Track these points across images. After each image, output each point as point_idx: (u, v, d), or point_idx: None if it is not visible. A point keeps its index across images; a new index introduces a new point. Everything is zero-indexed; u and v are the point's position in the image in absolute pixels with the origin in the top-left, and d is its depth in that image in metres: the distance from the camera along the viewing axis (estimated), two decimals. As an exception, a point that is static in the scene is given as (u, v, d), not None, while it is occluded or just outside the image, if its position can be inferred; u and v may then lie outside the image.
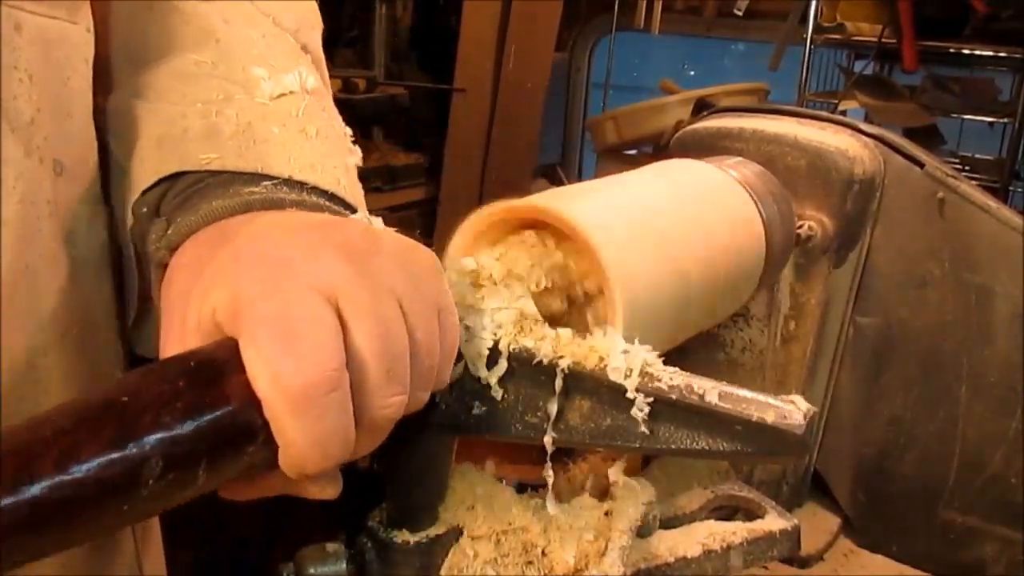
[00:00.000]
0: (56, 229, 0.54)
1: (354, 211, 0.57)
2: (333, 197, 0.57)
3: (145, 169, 0.55)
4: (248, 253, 0.45)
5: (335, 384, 0.41)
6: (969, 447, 0.93)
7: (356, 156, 0.65)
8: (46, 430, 0.36)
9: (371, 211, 0.55)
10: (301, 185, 0.55)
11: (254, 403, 0.41)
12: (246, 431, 0.41)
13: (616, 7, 2.94)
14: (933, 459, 0.95)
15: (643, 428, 0.50)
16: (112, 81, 0.60)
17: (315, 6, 0.71)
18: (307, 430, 0.41)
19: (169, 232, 0.52)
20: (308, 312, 0.41)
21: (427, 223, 2.73)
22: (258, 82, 0.58)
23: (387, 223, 0.52)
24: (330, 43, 2.78)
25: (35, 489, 0.34)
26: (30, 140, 0.50)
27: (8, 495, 0.33)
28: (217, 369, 0.41)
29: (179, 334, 0.45)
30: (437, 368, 0.47)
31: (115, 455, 0.36)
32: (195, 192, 0.54)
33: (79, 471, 0.35)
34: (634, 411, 0.50)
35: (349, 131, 0.65)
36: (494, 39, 2.80)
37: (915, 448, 0.96)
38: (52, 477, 0.34)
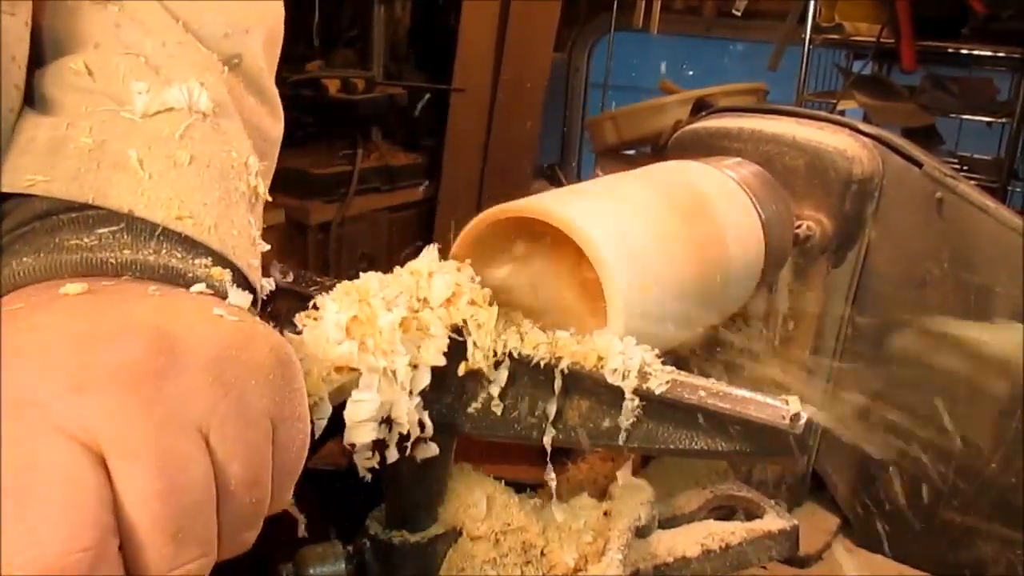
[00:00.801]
0: None
1: (223, 262, 0.48)
2: (192, 242, 0.47)
3: None
4: (15, 383, 0.34)
5: (87, 565, 0.32)
6: (969, 447, 0.93)
7: (260, 189, 0.55)
8: None
9: (371, 211, 0.52)
10: (151, 229, 0.46)
11: None
12: None
13: (615, 7, 2.94)
14: (932, 459, 0.95)
15: (625, 426, 0.51)
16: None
17: (263, 6, 0.61)
18: None
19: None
20: (58, 466, 0.32)
21: (426, 223, 2.73)
22: (131, 95, 0.50)
23: (387, 223, 0.49)
24: (329, 43, 2.78)
25: None
26: None
27: None
28: None
29: None
30: (268, 499, 0.39)
31: None
32: (20, 236, 0.45)
33: None
34: (624, 412, 0.50)
35: (255, 161, 0.54)
36: (493, 39, 2.79)
37: (914, 448, 0.96)
38: None
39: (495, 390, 0.54)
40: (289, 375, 0.40)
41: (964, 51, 2.45)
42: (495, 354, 0.54)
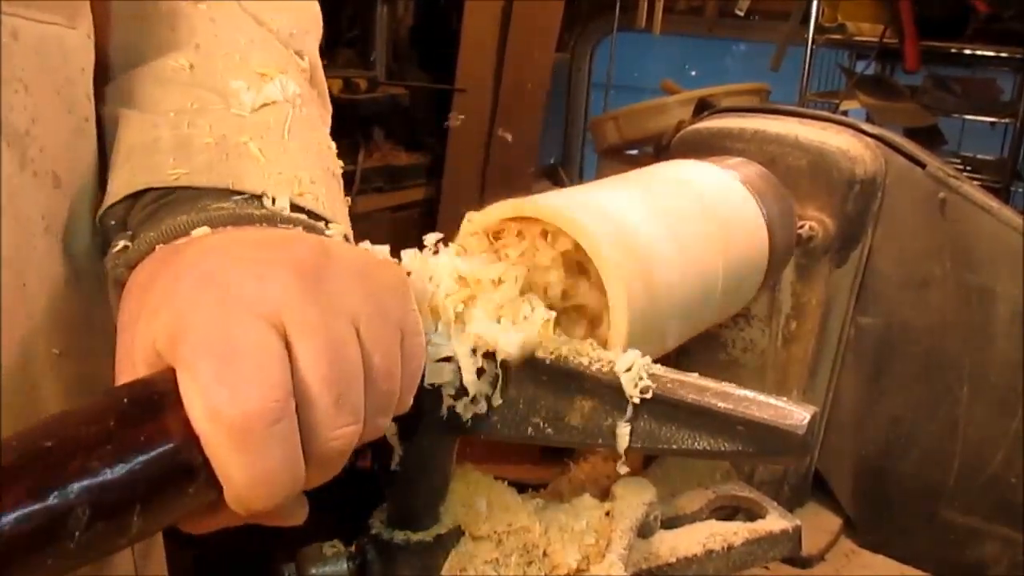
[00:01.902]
0: (52, 245, 0.52)
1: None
2: (309, 213, 0.54)
3: (115, 182, 0.53)
4: (191, 276, 0.42)
5: (277, 415, 0.38)
6: (970, 447, 0.93)
7: (338, 168, 0.62)
8: None
9: (373, 211, 0.54)
10: (274, 201, 0.53)
11: (193, 439, 0.38)
12: (185, 470, 0.38)
13: (617, 7, 2.94)
14: (934, 459, 0.95)
15: (626, 418, 0.51)
16: (107, 88, 0.59)
17: (316, 11, 0.68)
18: (249, 466, 0.38)
19: (129, 249, 0.50)
20: (249, 337, 0.39)
21: (428, 223, 2.73)
22: (236, 93, 0.56)
23: (389, 223, 0.51)
24: (331, 43, 2.78)
25: None
26: (24, 152, 0.48)
27: None
28: (153, 404, 0.38)
29: (129, 363, 0.42)
30: (397, 393, 0.44)
31: (34, 507, 0.33)
32: (162, 206, 0.52)
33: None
34: (628, 410, 0.50)
35: (333, 145, 0.62)
36: (495, 39, 2.80)
37: (916, 448, 0.96)
38: None
39: (496, 398, 0.54)
40: (410, 298, 0.47)
41: (967, 51, 2.45)
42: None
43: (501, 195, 0.62)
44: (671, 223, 0.68)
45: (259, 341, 0.39)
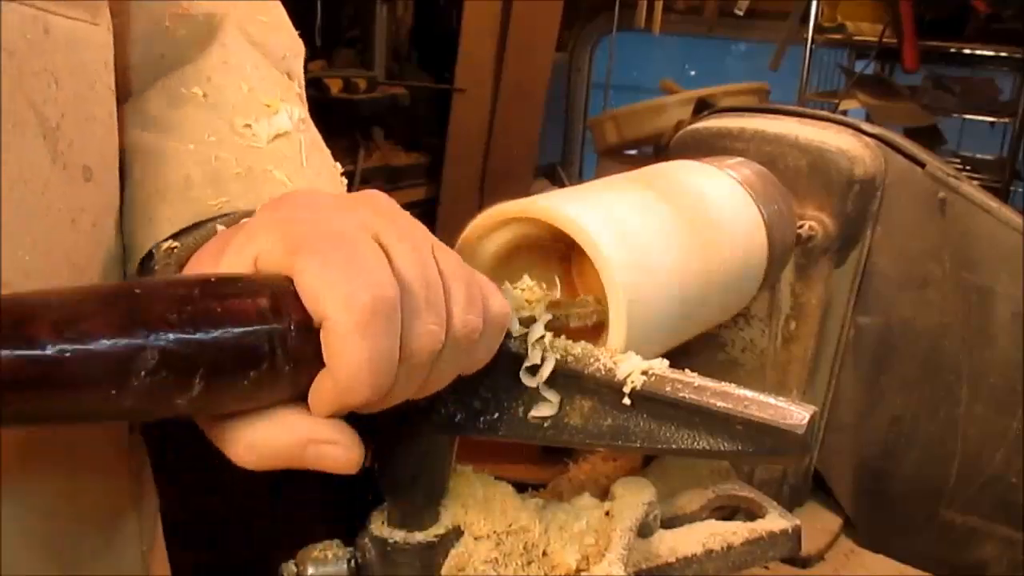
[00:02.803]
0: (83, 239, 0.53)
1: None
2: None
3: (155, 226, 0.56)
4: (285, 211, 0.46)
5: (395, 307, 0.42)
6: (970, 447, 0.93)
7: (344, 186, 0.67)
8: (51, 297, 0.36)
9: None
10: None
11: (271, 330, 0.40)
12: (253, 355, 0.40)
13: (617, 7, 2.94)
14: (934, 459, 0.95)
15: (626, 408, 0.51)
16: (129, 92, 0.61)
17: (295, 33, 0.71)
18: (368, 350, 0.41)
19: (178, 249, 0.53)
20: (360, 239, 0.43)
21: (428, 223, 2.73)
22: (249, 127, 0.59)
23: None
24: (331, 43, 2.78)
25: (29, 350, 0.33)
26: (55, 146, 0.49)
27: (3, 349, 0.33)
28: (241, 289, 0.41)
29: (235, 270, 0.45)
30: (479, 297, 0.48)
31: (113, 335, 0.35)
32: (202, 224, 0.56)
33: (72, 340, 0.34)
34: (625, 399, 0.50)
35: (339, 165, 0.66)
36: (495, 39, 2.80)
37: (916, 448, 0.96)
38: (48, 340, 0.34)
39: (553, 396, 0.55)
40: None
41: (966, 51, 2.45)
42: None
43: (500, 195, 0.62)
44: (670, 223, 0.68)
45: (371, 244, 0.43)
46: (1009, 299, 0.89)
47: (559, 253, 0.69)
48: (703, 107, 2.07)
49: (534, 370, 0.53)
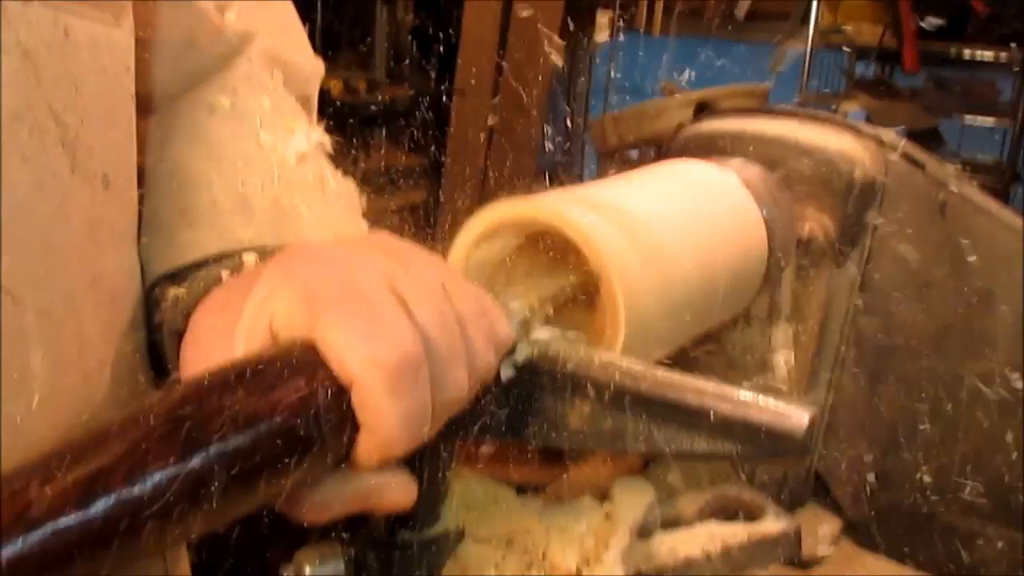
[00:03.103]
0: (101, 249, 0.52)
1: None
2: None
3: (178, 247, 0.55)
4: (302, 263, 0.45)
5: (422, 359, 0.42)
6: (970, 449, 0.93)
7: (362, 206, 0.68)
8: (115, 445, 0.35)
9: (373, 212, 0.56)
10: None
11: (316, 408, 0.40)
12: (307, 439, 0.40)
13: (616, 8, 2.94)
14: (934, 460, 0.95)
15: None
16: (153, 103, 0.60)
17: (313, 55, 0.72)
18: (402, 407, 0.42)
19: (183, 298, 0.52)
20: (380, 295, 0.43)
21: (428, 224, 2.73)
22: (274, 146, 0.59)
23: (387, 224, 0.52)
24: (331, 45, 2.78)
25: (102, 505, 0.34)
26: (75, 153, 0.48)
27: (77, 510, 0.33)
28: (280, 373, 0.40)
29: (252, 337, 0.44)
30: (494, 331, 0.48)
31: (179, 470, 0.36)
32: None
33: (146, 487, 0.35)
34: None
35: (354, 186, 0.67)
36: (495, 41, 2.80)
37: (917, 449, 0.96)
38: (120, 492, 0.34)
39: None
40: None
41: (966, 53, 2.45)
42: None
43: (501, 196, 0.62)
44: (669, 224, 0.68)
45: (388, 298, 0.43)
46: (1009, 301, 0.89)
47: (559, 252, 0.69)
48: (703, 109, 2.07)
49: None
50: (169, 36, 0.60)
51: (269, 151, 0.59)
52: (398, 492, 0.47)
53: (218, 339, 0.47)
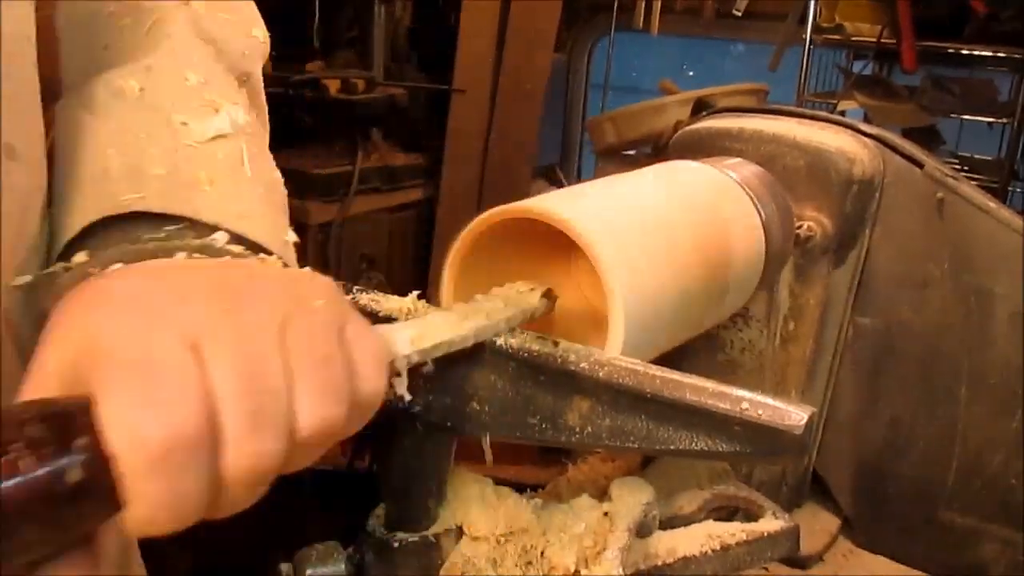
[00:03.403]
0: (7, 222, 0.50)
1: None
2: (255, 245, 0.54)
3: (70, 215, 0.52)
4: (113, 299, 0.42)
5: (197, 440, 0.38)
6: (969, 448, 0.93)
7: (285, 199, 0.62)
8: None
9: (371, 212, 0.54)
10: (213, 228, 0.52)
11: (96, 463, 0.37)
12: (81, 494, 0.37)
13: (615, 8, 2.94)
14: (933, 460, 0.95)
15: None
16: (62, 83, 0.58)
17: (262, 26, 0.67)
18: (162, 492, 0.37)
19: (61, 278, 0.49)
20: (169, 359, 0.38)
21: (426, 223, 2.73)
22: (186, 123, 0.56)
23: (387, 223, 0.51)
24: (329, 44, 2.78)
25: None
26: None
27: None
28: (58, 427, 0.37)
29: (39, 381, 0.40)
30: (345, 382, 0.43)
31: None
32: (104, 236, 0.51)
33: None
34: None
35: (279, 174, 0.62)
36: (493, 40, 2.79)
37: (915, 449, 0.96)
38: None
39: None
40: (343, 297, 0.47)
41: (965, 52, 2.45)
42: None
43: (499, 196, 0.62)
44: (667, 223, 0.68)
45: (179, 362, 0.38)
46: (1008, 300, 0.89)
47: (558, 252, 0.69)
48: (701, 107, 2.07)
49: None
50: (75, 10, 0.58)
51: (177, 127, 0.55)
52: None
53: (43, 347, 0.42)
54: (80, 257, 0.49)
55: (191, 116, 0.56)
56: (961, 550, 0.95)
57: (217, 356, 0.39)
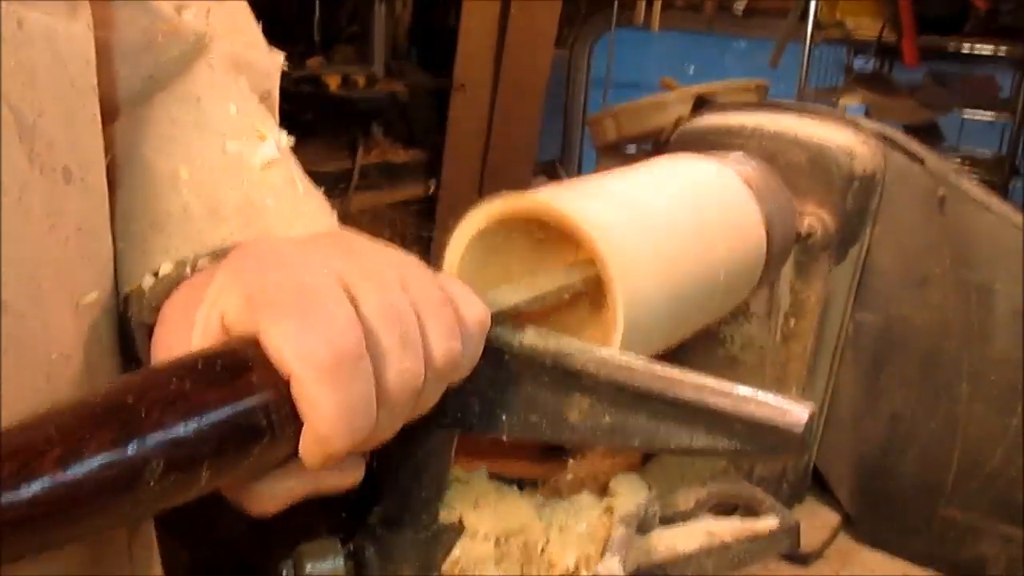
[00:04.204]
0: (63, 244, 0.51)
1: None
2: None
3: (150, 253, 0.55)
4: (251, 262, 0.45)
5: (361, 351, 0.42)
6: (969, 444, 0.93)
7: (331, 210, 0.66)
8: (49, 427, 0.36)
9: (371, 208, 0.55)
10: None
11: (262, 402, 0.41)
12: (252, 431, 0.41)
13: (616, 4, 2.94)
14: (933, 456, 0.95)
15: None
16: (116, 108, 0.59)
17: (268, 49, 0.71)
18: (338, 400, 0.42)
19: (155, 286, 0.53)
20: (321, 289, 0.43)
21: (426, 220, 2.73)
22: (240, 153, 0.59)
23: (388, 219, 0.52)
24: (330, 40, 2.78)
25: (35, 487, 0.34)
26: (32, 146, 0.47)
27: (8, 491, 0.33)
28: (225, 368, 0.41)
29: (204, 339, 0.45)
30: (455, 324, 0.48)
31: (116, 456, 0.36)
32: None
33: (79, 471, 0.35)
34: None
35: (319, 191, 0.66)
36: (494, 36, 2.79)
37: (915, 445, 0.96)
38: (52, 475, 0.34)
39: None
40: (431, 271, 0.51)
41: (966, 48, 2.45)
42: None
43: (500, 192, 0.62)
44: (668, 219, 0.67)
45: (330, 291, 0.43)
46: (1009, 296, 0.89)
47: (559, 245, 0.69)
48: (702, 104, 2.07)
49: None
50: (127, 35, 0.59)
51: (235, 158, 0.59)
52: (347, 477, 0.48)
53: (181, 335, 0.47)
54: (167, 268, 0.53)
55: (243, 145, 0.59)
56: (961, 546, 0.95)
57: (363, 291, 0.44)
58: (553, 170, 3.27)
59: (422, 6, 3.00)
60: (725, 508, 0.73)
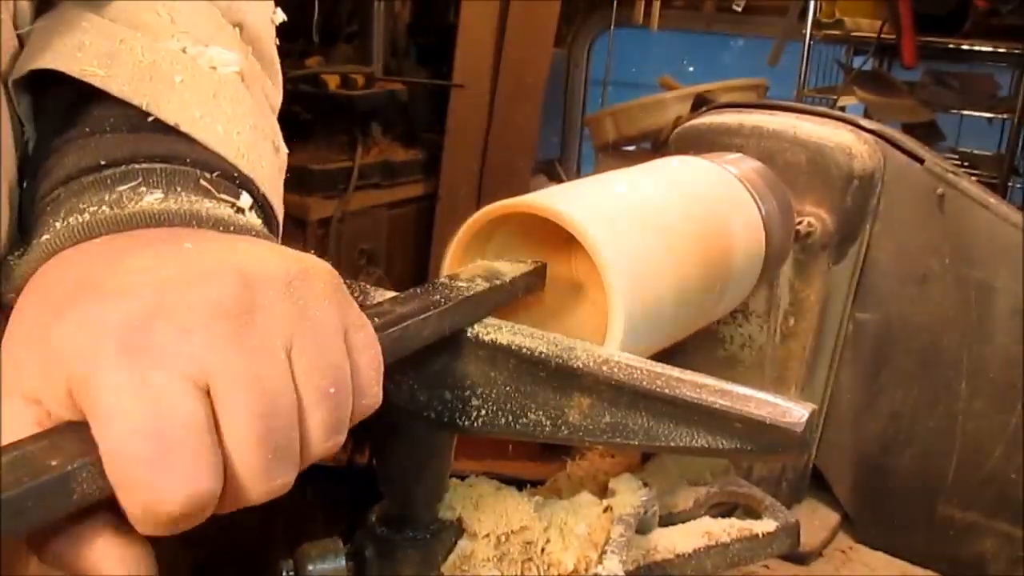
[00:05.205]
0: None
1: (248, 184, 0.50)
2: (221, 168, 0.49)
3: (24, 59, 0.48)
4: (108, 323, 0.37)
5: (211, 502, 0.36)
6: (969, 443, 0.93)
7: (283, 147, 0.58)
8: None
9: (370, 207, 0.52)
10: (169, 177, 0.47)
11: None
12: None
13: (615, 3, 2.94)
14: (933, 455, 0.95)
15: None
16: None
17: None
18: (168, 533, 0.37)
19: (15, 272, 0.44)
20: (180, 415, 0.36)
21: (426, 219, 2.73)
22: (168, 20, 0.51)
23: (387, 219, 0.49)
24: (329, 39, 2.78)
25: None
26: None
27: None
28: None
29: (36, 379, 0.37)
30: (348, 405, 0.42)
31: None
32: (50, 203, 0.46)
33: None
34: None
35: (278, 130, 0.58)
36: (493, 35, 2.79)
37: (915, 444, 0.96)
38: None
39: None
40: (346, 297, 0.44)
41: (965, 47, 2.45)
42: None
43: (499, 191, 0.62)
44: (667, 219, 0.67)
45: (190, 419, 0.36)
46: (1008, 294, 0.89)
47: (558, 247, 0.69)
48: (701, 103, 2.07)
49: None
50: None
51: (164, 24, 0.51)
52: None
53: (35, 345, 0.38)
54: (43, 230, 0.45)
55: (176, 48, 0.51)
56: (961, 545, 0.95)
57: (230, 395, 0.37)
58: (552, 169, 3.27)
59: (421, 5, 3.00)
60: (725, 508, 0.73)
